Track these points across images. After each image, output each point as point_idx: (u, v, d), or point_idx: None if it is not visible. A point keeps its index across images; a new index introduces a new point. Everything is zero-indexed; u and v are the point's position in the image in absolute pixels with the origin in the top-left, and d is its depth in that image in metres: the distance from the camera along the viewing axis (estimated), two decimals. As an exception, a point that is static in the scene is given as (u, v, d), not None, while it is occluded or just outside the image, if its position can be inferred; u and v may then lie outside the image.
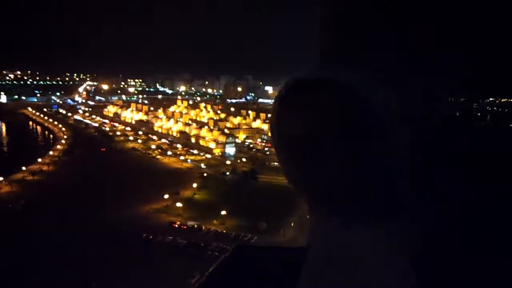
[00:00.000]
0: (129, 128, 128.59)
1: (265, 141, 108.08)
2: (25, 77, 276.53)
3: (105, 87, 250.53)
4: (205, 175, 74.73)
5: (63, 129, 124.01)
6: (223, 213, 54.37)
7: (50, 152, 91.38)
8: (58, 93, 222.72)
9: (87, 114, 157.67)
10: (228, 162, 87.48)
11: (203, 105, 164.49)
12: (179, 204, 57.94)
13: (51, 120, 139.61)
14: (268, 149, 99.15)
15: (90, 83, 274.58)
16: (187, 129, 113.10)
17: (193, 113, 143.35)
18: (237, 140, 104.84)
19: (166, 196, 60.48)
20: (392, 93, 0.79)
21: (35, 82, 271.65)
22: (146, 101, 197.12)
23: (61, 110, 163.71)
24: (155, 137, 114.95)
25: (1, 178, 66.36)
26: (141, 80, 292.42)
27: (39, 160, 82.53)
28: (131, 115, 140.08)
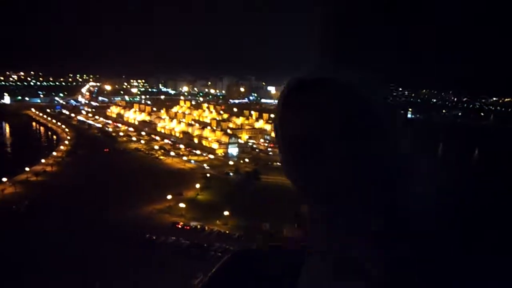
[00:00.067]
0: (132, 129, 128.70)
1: (268, 142, 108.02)
2: (28, 78, 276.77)
3: (108, 87, 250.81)
4: (208, 175, 74.81)
5: (66, 129, 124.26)
6: (226, 213, 54.41)
7: (53, 153, 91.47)
8: (61, 94, 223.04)
9: (90, 114, 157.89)
10: (231, 163, 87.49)
11: (205, 105, 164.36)
12: (182, 205, 57.99)
13: (54, 121, 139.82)
14: (271, 150, 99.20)
15: (93, 83, 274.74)
16: (189, 129, 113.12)
17: (195, 113, 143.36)
18: (239, 141, 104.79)
19: (169, 197, 60.56)
20: (392, 93, 0.79)
21: (38, 83, 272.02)
22: (149, 102, 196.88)
23: (64, 111, 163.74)
24: (158, 138, 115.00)
25: (5, 179, 66.57)
26: (143, 81, 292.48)
27: (42, 161, 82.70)
28: (134, 115, 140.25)
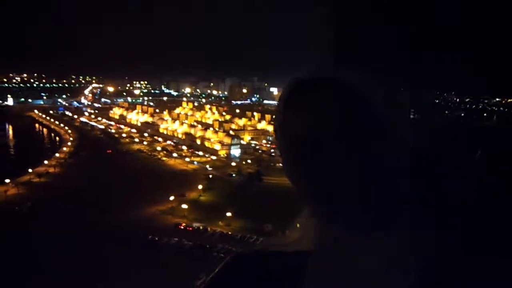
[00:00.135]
0: (134, 130, 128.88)
1: (270, 143, 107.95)
2: (31, 80, 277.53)
3: (110, 89, 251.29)
4: (210, 176, 74.85)
5: (69, 131, 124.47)
6: (229, 214, 54.38)
7: (56, 154, 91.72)
8: (64, 96, 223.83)
9: (93, 116, 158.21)
10: (234, 164, 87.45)
11: (208, 106, 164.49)
12: (184, 206, 57.99)
13: (57, 122, 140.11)
14: (274, 151, 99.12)
15: (95, 85, 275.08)
16: (192, 130, 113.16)
17: (198, 114, 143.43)
18: (242, 142, 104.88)
19: (171, 198, 60.57)
20: (392, 93, 0.79)
21: (41, 84, 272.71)
22: (151, 103, 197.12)
23: (67, 113, 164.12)
24: (160, 139, 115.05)
25: (8, 180, 66.79)
26: (146, 82, 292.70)
27: (45, 162, 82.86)
28: (136, 117, 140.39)
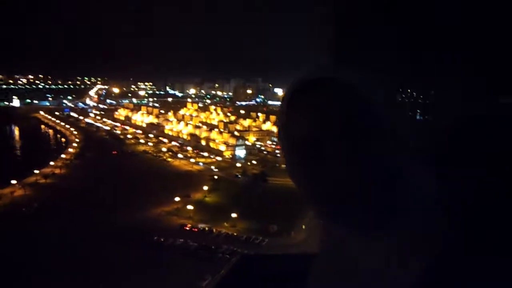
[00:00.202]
0: (140, 131, 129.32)
1: (275, 143, 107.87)
2: (37, 81, 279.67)
3: (116, 90, 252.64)
4: (215, 177, 74.95)
5: (75, 132, 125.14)
6: (234, 215, 54.42)
7: (62, 155, 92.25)
8: (69, 97, 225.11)
9: (98, 117, 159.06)
10: (239, 165, 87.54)
11: (213, 107, 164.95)
12: (190, 207, 58.14)
13: (62, 123, 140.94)
14: (278, 152, 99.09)
15: (101, 86, 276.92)
16: (197, 131, 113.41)
17: (203, 115, 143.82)
18: (247, 143, 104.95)
19: (177, 199, 60.74)
20: (393, 93, 0.79)
21: (47, 86, 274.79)
22: (156, 104, 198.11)
23: (72, 114, 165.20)
24: (165, 140, 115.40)
25: (14, 182, 67.22)
26: (151, 83, 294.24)
27: (51, 163, 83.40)
28: (141, 118, 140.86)
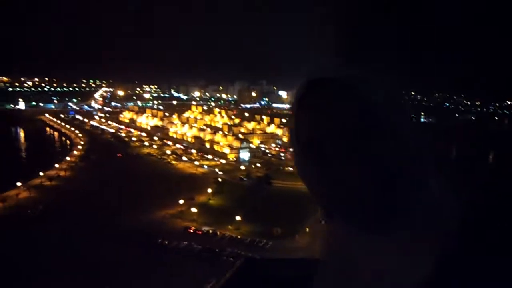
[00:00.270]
0: (144, 134, 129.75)
1: (280, 146, 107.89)
2: (42, 84, 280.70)
3: (120, 93, 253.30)
4: (219, 180, 74.99)
5: (80, 135, 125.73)
6: (238, 218, 54.41)
7: (67, 158, 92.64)
8: (74, 100, 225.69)
9: (103, 120, 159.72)
10: (243, 167, 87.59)
11: (217, 110, 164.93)
12: (194, 209, 58.17)
13: (68, 126, 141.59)
14: (283, 154, 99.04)
15: (106, 89, 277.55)
16: (201, 134, 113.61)
17: (207, 118, 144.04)
18: (251, 145, 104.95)
19: (181, 202, 60.82)
20: (397, 93, 0.80)
21: (52, 88, 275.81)
22: (161, 107, 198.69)
23: (77, 116, 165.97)
24: (170, 143, 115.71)
25: (19, 184, 67.53)
26: (156, 86, 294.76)
27: (56, 165, 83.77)
28: (146, 120, 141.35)
